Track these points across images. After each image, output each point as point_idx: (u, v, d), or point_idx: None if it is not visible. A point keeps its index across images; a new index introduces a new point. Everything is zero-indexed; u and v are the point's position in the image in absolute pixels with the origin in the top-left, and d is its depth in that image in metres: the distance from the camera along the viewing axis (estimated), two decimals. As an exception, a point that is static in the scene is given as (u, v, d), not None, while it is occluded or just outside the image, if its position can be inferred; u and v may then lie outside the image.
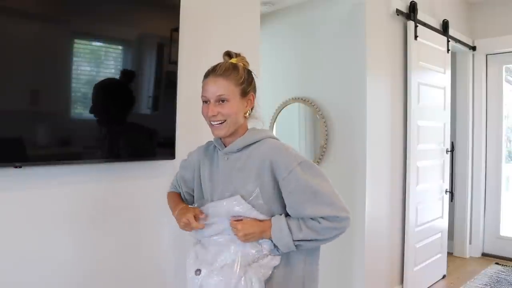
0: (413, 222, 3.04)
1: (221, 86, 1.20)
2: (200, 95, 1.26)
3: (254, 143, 1.26)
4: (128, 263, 1.73)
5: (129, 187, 1.73)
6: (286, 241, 1.18)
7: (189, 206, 1.36)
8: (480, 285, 3.26)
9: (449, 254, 3.82)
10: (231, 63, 1.25)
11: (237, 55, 1.29)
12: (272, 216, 1.23)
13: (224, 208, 1.24)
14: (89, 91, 1.53)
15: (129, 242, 1.73)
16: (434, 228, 3.32)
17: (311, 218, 1.17)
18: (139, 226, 1.77)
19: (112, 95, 1.63)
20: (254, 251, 1.22)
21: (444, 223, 3.49)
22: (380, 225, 2.84)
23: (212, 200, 1.30)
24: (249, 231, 1.20)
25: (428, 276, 3.29)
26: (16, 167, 1.37)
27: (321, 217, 1.16)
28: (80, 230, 1.59)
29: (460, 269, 3.68)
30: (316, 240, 1.19)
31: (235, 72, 1.23)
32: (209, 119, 1.24)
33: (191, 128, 1.93)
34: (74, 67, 1.50)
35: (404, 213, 3.03)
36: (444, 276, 3.47)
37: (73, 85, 1.50)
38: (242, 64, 1.27)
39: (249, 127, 1.32)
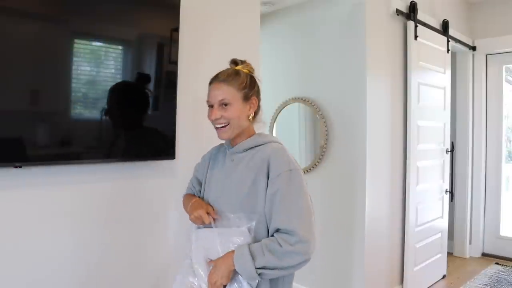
0: (413, 222, 3.04)
1: (223, 91, 1.26)
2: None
3: (260, 145, 1.30)
4: (129, 263, 1.73)
5: (129, 187, 1.74)
6: (248, 268, 1.15)
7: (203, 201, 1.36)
8: (480, 285, 3.26)
9: (449, 254, 3.82)
10: (234, 69, 1.31)
11: (243, 62, 1.35)
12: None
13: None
14: (89, 91, 1.53)
15: (129, 242, 1.73)
16: (434, 228, 3.32)
17: (273, 240, 1.17)
18: (139, 226, 1.77)
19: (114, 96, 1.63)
20: None
21: (444, 223, 3.49)
22: (380, 225, 2.84)
23: (208, 198, 1.36)
24: (216, 276, 1.20)
25: (428, 276, 3.29)
26: (16, 167, 1.37)
27: (286, 233, 1.16)
28: (80, 230, 1.59)
29: (460, 269, 3.68)
30: (277, 268, 1.16)
31: (237, 77, 1.28)
32: (213, 122, 1.30)
33: (191, 128, 1.93)
34: (74, 67, 1.50)
35: (404, 213, 3.03)
36: (444, 276, 3.47)
37: (73, 85, 1.50)
38: (246, 70, 1.32)
39: (256, 131, 1.36)
